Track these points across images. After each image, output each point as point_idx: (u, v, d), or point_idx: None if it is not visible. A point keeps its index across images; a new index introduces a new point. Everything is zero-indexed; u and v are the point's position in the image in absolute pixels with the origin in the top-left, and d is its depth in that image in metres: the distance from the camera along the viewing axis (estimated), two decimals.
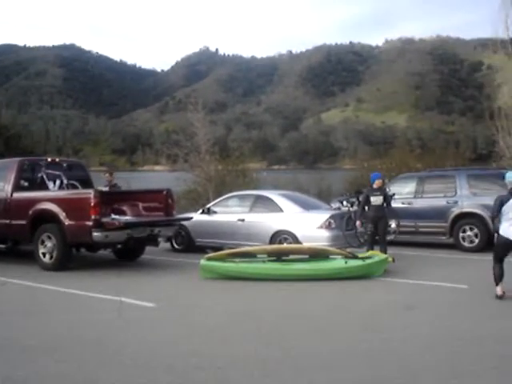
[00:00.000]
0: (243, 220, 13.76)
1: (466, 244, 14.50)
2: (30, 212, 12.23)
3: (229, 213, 14.30)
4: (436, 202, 15.20)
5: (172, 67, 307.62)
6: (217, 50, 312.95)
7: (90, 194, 11.61)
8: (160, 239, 13.54)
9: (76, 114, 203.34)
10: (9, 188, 12.89)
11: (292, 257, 11.33)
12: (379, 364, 5.87)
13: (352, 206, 13.61)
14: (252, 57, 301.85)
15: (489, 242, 13.04)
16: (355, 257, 10.99)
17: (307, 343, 6.66)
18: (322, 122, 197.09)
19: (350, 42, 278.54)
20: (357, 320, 7.82)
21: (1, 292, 10.06)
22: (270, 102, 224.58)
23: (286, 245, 12.52)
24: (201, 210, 15.02)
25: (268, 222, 13.30)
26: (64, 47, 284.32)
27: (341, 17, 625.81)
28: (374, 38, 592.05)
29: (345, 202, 14.01)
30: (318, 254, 11.24)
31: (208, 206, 15.14)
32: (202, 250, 13.87)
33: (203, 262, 11.12)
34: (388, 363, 5.89)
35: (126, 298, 9.05)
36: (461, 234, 14.60)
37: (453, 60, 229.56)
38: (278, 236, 12.98)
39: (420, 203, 15.52)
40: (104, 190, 13.95)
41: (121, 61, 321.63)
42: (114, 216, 12.18)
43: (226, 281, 10.75)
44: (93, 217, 11.28)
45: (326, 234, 12.56)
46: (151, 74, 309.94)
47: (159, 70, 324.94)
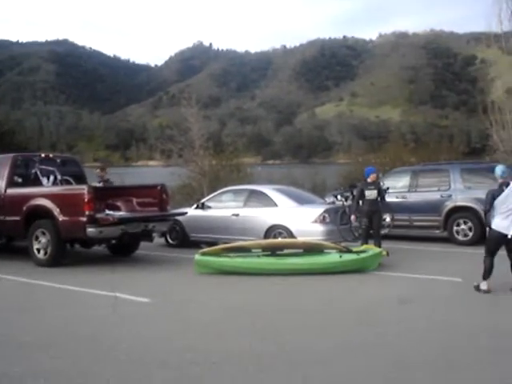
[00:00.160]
0: (238, 215, 13.76)
1: (459, 237, 14.55)
2: (24, 208, 12.19)
3: (223, 208, 14.29)
4: (430, 195, 15.24)
5: (166, 62, 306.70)
6: (211, 44, 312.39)
7: (83, 189, 11.58)
8: (154, 234, 13.54)
9: (69, 109, 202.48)
10: (2, 184, 12.83)
11: (286, 251, 11.35)
12: (374, 358, 5.89)
13: (346, 201, 13.62)
14: (246, 51, 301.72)
15: (482, 235, 13.05)
16: (350, 251, 11.02)
17: (302, 338, 6.68)
18: (316, 117, 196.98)
19: (344, 37, 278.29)
20: (351, 314, 7.84)
21: None
22: (264, 97, 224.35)
23: (280, 239, 12.53)
24: (195, 205, 15.00)
25: (262, 216, 13.29)
26: (57, 42, 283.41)
27: (335, 11, 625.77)
28: (368, 33, 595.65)
29: (339, 197, 14.01)
30: (312, 249, 11.26)
31: (202, 200, 15.13)
32: (196, 245, 13.88)
33: (198, 257, 11.12)
34: (383, 357, 5.91)
35: (121, 293, 9.04)
36: (455, 228, 14.64)
37: (446, 54, 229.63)
38: (273, 230, 12.98)
39: (414, 197, 15.55)
40: (98, 185, 13.93)
41: (114, 56, 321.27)
42: (108, 211, 12.18)
43: (221, 276, 10.75)
44: (87, 212, 11.25)
45: (320, 228, 12.57)
46: (145, 69, 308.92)
47: (153, 65, 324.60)
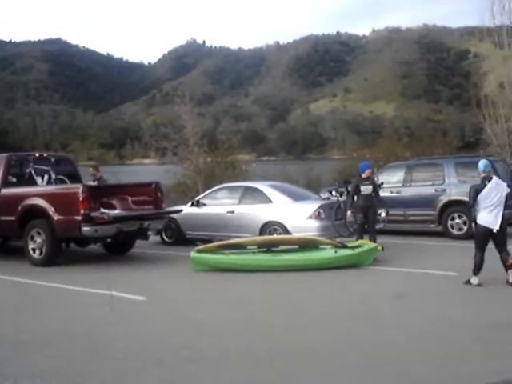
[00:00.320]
0: (233, 212, 13.76)
1: (454, 232, 14.58)
2: (19, 208, 12.16)
3: (218, 205, 14.27)
4: (424, 190, 15.26)
5: (159, 60, 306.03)
6: (204, 42, 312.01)
7: (78, 188, 11.56)
8: (150, 232, 13.55)
9: (63, 108, 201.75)
10: None
11: (282, 247, 11.37)
12: (369, 353, 5.91)
13: (341, 196, 13.63)
14: (239, 48, 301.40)
15: None
16: (345, 246, 11.04)
17: (298, 333, 6.70)
18: (310, 113, 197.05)
19: (337, 32, 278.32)
20: (347, 309, 7.86)
21: None
22: (258, 94, 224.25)
23: (275, 236, 12.54)
24: (190, 203, 14.98)
25: (257, 213, 13.29)
26: (50, 41, 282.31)
27: (327, 7, 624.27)
28: (361, 28, 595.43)
29: (334, 192, 14.02)
30: (307, 244, 11.27)
31: (197, 198, 15.10)
32: (192, 242, 13.89)
33: (193, 254, 11.12)
34: (378, 351, 5.93)
35: (117, 291, 9.05)
36: (449, 222, 14.68)
37: (439, 48, 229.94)
38: (268, 227, 12.99)
39: (408, 192, 15.57)
40: (93, 184, 13.92)
41: (108, 54, 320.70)
42: (103, 210, 12.16)
43: (217, 273, 10.77)
44: (82, 211, 11.23)
45: (315, 224, 12.58)
46: (138, 67, 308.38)
47: (146, 63, 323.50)
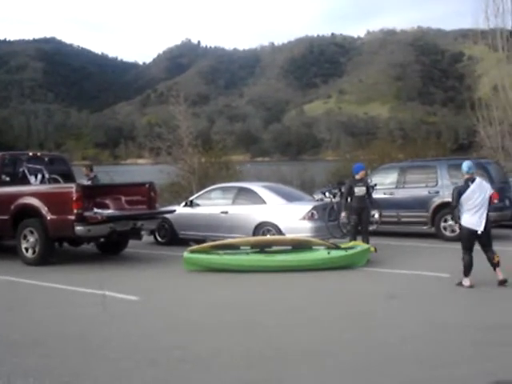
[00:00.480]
0: (226, 212, 13.76)
1: (447, 233, 14.63)
2: (12, 207, 12.12)
3: (212, 205, 14.27)
4: (417, 192, 15.32)
5: (154, 60, 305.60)
6: (199, 42, 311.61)
7: (72, 188, 11.54)
8: (143, 232, 13.54)
9: (58, 107, 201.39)
10: None
11: (275, 248, 11.38)
12: (362, 354, 5.93)
13: (334, 197, 13.66)
14: (234, 49, 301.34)
15: None
16: (338, 247, 11.07)
17: (290, 334, 6.71)
18: (304, 114, 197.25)
19: (332, 34, 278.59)
20: (340, 310, 7.88)
21: None
22: (253, 94, 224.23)
23: (269, 236, 12.55)
24: (184, 203, 14.98)
25: (251, 213, 13.30)
26: (45, 40, 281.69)
27: (322, 8, 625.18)
28: (356, 30, 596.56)
29: (327, 193, 14.03)
30: (301, 245, 11.29)
31: (191, 198, 15.09)
32: (185, 242, 13.88)
33: (187, 254, 11.13)
34: (371, 352, 5.95)
35: (110, 291, 9.03)
36: (442, 224, 14.73)
37: (434, 51, 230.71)
38: (261, 228, 13.00)
39: (402, 193, 15.62)
40: (86, 183, 13.90)
41: (102, 54, 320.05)
42: (96, 210, 12.16)
43: (210, 273, 10.77)
44: (75, 211, 11.22)
45: (308, 225, 12.60)
46: (133, 66, 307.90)
47: (141, 62, 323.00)
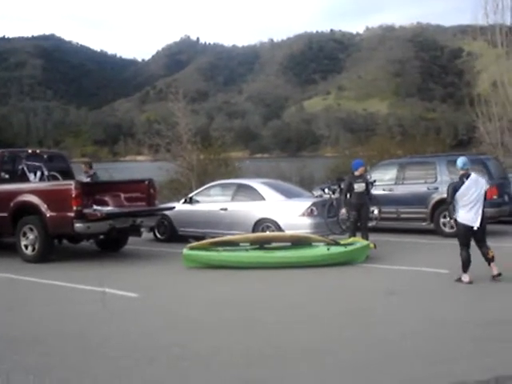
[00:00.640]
0: (226, 209, 13.76)
1: (446, 229, 14.62)
2: (12, 204, 12.13)
3: (211, 202, 14.27)
4: (417, 188, 15.33)
5: (153, 57, 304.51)
6: (198, 38, 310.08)
7: (71, 185, 11.55)
8: (143, 229, 13.53)
9: (57, 105, 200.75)
10: None
11: (274, 245, 11.39)
12: (362, 350, 5.94)
13: (334, 194, 13.66)
14: (233, 45, 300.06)
15: None
16: (337, 243, 11.07)
17: (290, 331, 6.72)
18: (303, 110, 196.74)
19: (331, 30, 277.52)
20: (339, 306, 7.89)
21: None
22: (252, 91, 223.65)
23: (268, 233, 12.56)
24: (183, 200, 14.98)
25: (250, 210, 13.30)
26: (44, 37, 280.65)
27: (322, 5, 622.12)
28: (355, 26, 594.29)
29: (326, 190, 14.03)
30: (300, 242, 11.30)
31: (190, 195, 15.10)
32: (184, 239, 13.82)
33: (186, 251, 11.13)
34: (370, 349, 5.96)
35: (109, 288, 9.01)
36: (441, 220, 14.73)
37: (433, 47, 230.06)
38: (261, 224, 13.00)
39: (401, 190, 15.63)
40: (85, 180, 13.90)
41: (101, 51, 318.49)
42: (95, 207, 12.15)
43: (209, 270, 10.77)
44: (74, 208, 11.23)
45: (308, 221, 12.61)
46: (132, 63, 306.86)
47: (140, 59, 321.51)
